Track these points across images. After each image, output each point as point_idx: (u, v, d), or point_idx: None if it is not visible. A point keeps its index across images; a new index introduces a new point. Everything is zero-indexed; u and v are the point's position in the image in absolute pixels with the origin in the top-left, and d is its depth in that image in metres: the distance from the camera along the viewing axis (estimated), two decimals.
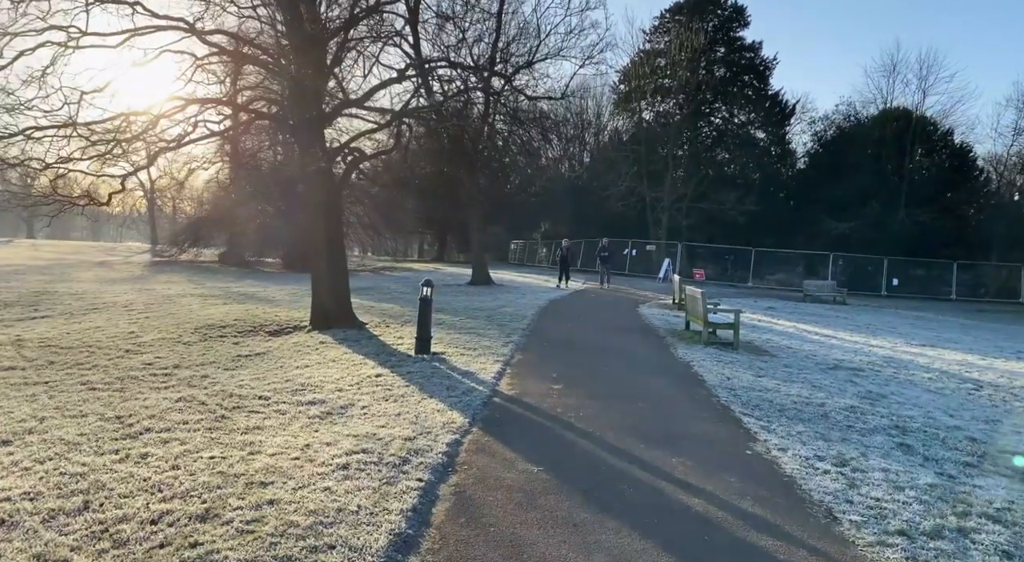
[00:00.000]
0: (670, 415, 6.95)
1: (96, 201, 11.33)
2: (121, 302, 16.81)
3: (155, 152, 10.82)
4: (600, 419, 6.51)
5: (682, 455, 5.48)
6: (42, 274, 26.68)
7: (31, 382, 7.24)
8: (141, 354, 9.23)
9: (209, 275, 29.55)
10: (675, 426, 6.48)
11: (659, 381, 8.84)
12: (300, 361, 8.92)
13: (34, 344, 9.90)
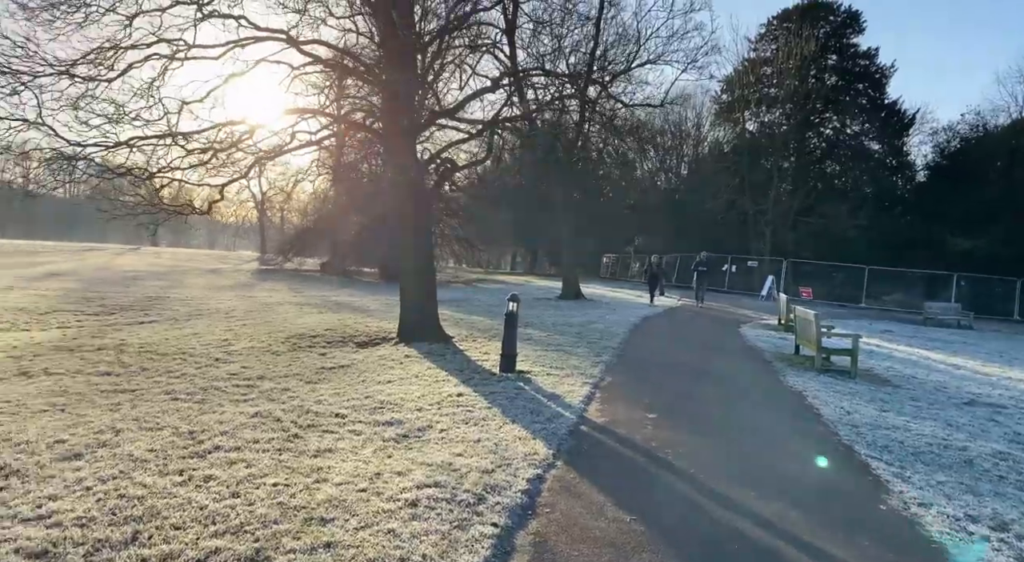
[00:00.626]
0: (784, 455, 6.13)
1: (198, 210, 11.62)
2: (224, 309, 17.37)
3: (251, 162, 10.96)
4: (702, 458, 5.79)
5: (802, 507, 4.69)
6: (159, 280, 28.33)
7: (120, 389, 7.29)
8: (229, 363, 9.25)
9: (310, 283, 30.47)
10: (791, 469, 5.66)
11: (768, 413, 7.96)
12: (383, 376, 8.65)
13: (134, 350, 10.17)
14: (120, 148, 9.52)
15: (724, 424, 7.25)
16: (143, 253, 60.17)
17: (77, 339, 11.54)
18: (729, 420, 7.47)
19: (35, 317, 14.86)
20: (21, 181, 11.88)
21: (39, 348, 10.38)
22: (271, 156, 11.28)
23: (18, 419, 5.85)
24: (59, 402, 6.55)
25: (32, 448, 4.95)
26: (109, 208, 11.15)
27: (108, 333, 12.38)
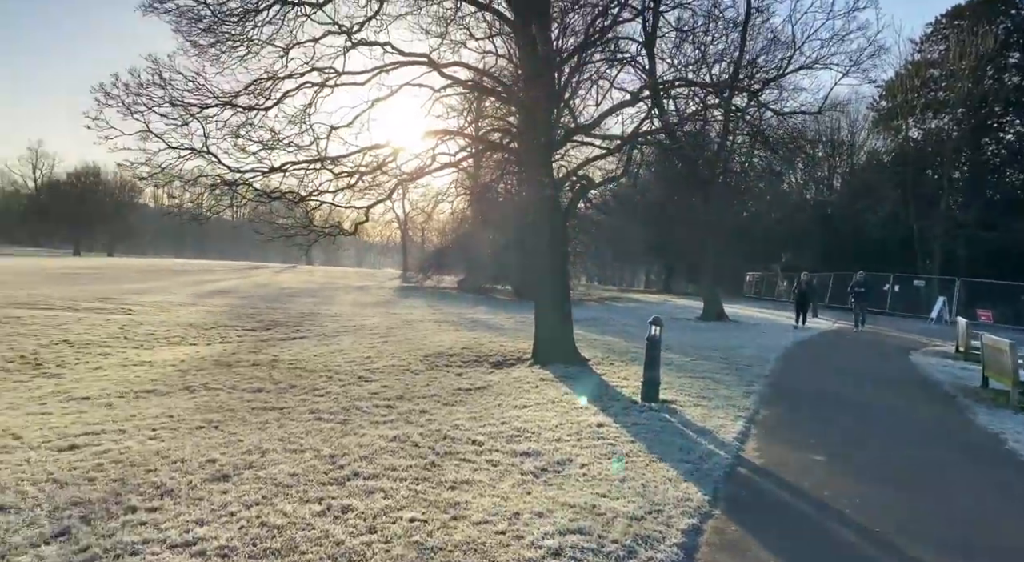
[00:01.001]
0: (988, 519, 5.13)
1: (345, 231, 12.05)
2: (368, 325, 18.00)
3: (394, 184, 11.21)
4: (888, 516, 4.94)
5: None
6: (311, 297, 30.14)
7: (269, 407, 7.52)
8: (371, 382, 9.37)
9: (447, 301, 31.23)
10: (1001, 539, 4.71)
11: (961, 461, 6.83)
12: (519, 400, 8.37)
13: (285, 366, 10.62)
14: (275, 173, 10.07)
15: (909, 472, 6.26)
16: (299, 271, 64.81)
17: (236, 354, 12.28)
18: (915, 467, 6.45)
19: (202, 332, 16.12)
20: (190, 206, 13.01)
21: (202, 362, 11.12)
22: (413, 178, 11.49)
23: (177, 435, 6.12)
24: (214, 419, 6.81)
25: (186, 467, 5.09)
26: (266, 230, 11.84)
27: (263, 349, 13.10)
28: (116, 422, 6.58)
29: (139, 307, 20.77)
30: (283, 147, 10.21)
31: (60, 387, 8.95)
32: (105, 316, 17.98)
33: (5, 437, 5.91)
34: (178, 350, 13.10)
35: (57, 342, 13.34)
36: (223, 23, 10.02)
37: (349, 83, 10.57)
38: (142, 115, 9.40)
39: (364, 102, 10.69)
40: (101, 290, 26.81)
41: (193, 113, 9.68)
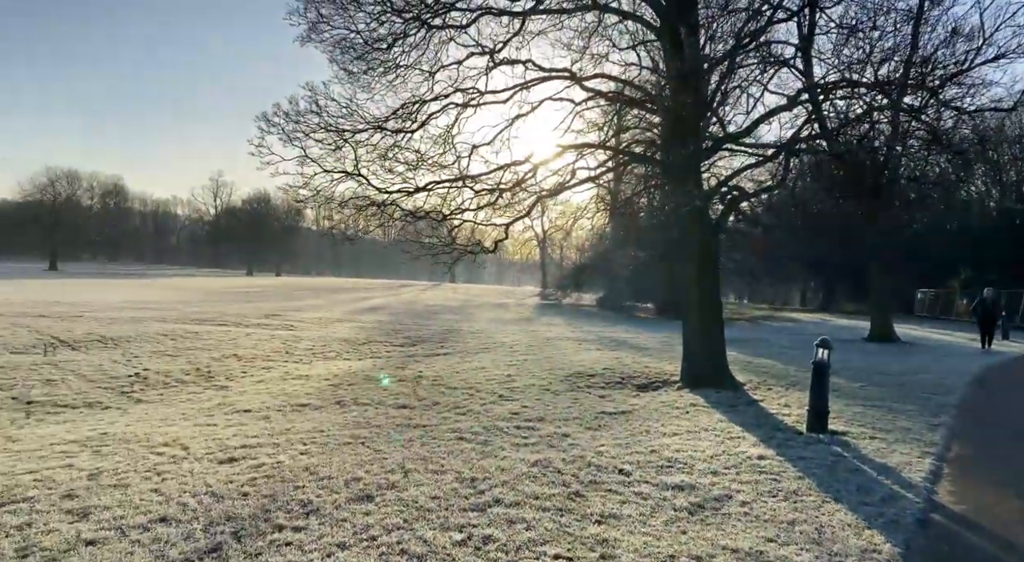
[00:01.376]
0: None
1: (485, 249, 12.08)
2: (508, 342, 18.04)
3: (533, 200, 11.10)
4: None
5: None
6: (454, 314, 30.94)
7: (413, 424, 7.53)
8: (511, 401, 9.20)
9: (587, 319, 30.85)
10: None
11: None
12: (668, 426, 7.82)
13: (428, 382, 10.75)
14: (419, 193, 10.30)
15: None
16: (443, 289, 67.13)
17: (383, 369, 12.65)
18: None
19: (355, 347, 16.88)
20: (342, 226, 13.73)
21: (354, 377, 11.53)
22: (552, 194, 11.33)
23: (326, 450, 6.22)
24: (361, 435, 6.90)
25: (332, 484, 5.11)
26: (412, 249, 12.14)
27: (409, 364, 13.42)
28: (272, 436, 6.83)
29: (300, 323, 22.24)
30: (427, 167, 10.43)
31: (226, 399, 9.57)
32: (271, 332, 19.37)
33: (175, 448, 6.30)
34: (332, 365, 13.74)
35: (228, 355, 14.46)
36: (373, 50, 10.44)
37: (491, 102, 10.64)
38: (300, 140, 9.99)
39: (504, 120, 10.73)
40: (268, 307, 29.08)
41: (346, 137, 10.14)
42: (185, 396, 10.27)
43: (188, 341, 16.40)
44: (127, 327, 18.12)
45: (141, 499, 4.68)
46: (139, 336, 16.59)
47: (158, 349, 14.91)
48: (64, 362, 12.68)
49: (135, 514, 4.37)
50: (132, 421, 8.07)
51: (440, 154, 10.47)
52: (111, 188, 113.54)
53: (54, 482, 5.08)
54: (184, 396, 10.27)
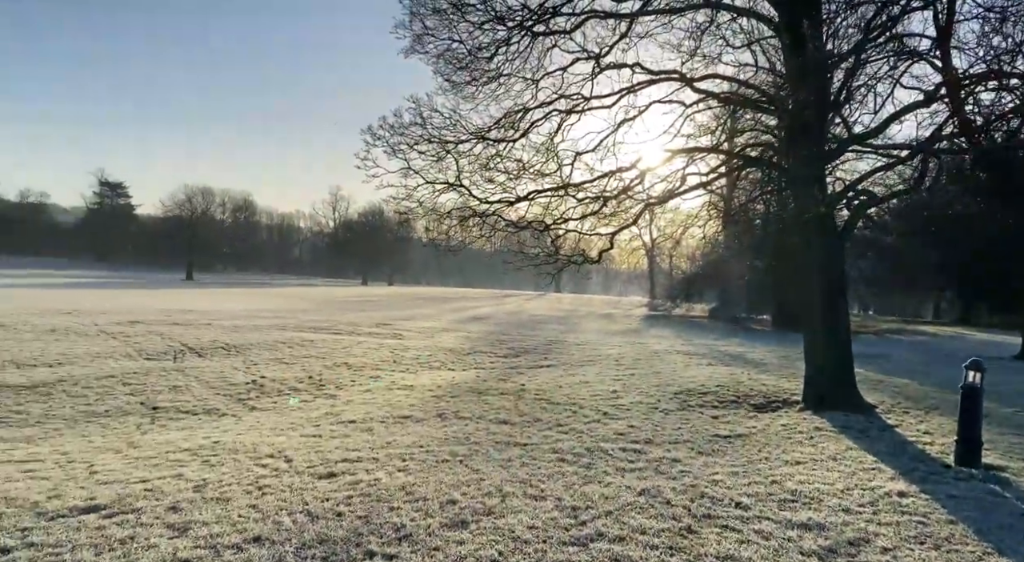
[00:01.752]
0: None
1: (589, 259, 11.72)
2: (614, 355, 17.51)
3: (640, 208, 10.61)
4: None
5: None
6: (558, 324, 30.65)
7: (513, 442, 7.26)
8: (617, 419, 8.75)
9: (697, 331, 29.67)
10: None
11: None
12: (790, 453, 7.13)
13: (531, 396, 10.47)
14: (521, 203, 10.11)
15: None
16: (547, 299, 67.10)
17: (487, 381, 12.52)
18: None
19: (459, 357, 16.92)
20: (444, 237, 13.80)
21: (456, 389, 11.45)
22: (660, 201, 10.80)
23: (424, 468, 6.07)
24: (459, 452, 6.70)
25: (427, 507, 4.92)
26: (513, 260, 11.97)
27: (511, 377, 13.22)
28: (373, 449, 6.78)
29: (408, 332, 22.68)
30: (529, 176, 10.22)
31: (334, 409, 9.72)
32: (380, 340, 19.84)
33: (279, 460, 6.36)
34: (437, 375, 13.78)
35: (339, 364, 14.85)
36: (476, 59, 10.38)
37: (597, 107, 10.30)
38: (403, 152, 10.06)
39: (609, 126, 10.34)
40: (379, 316, 29.97)
41: (448, 148, 10.13)
42: (296, 404, 10.56)
43: (304, 349, 17.02)
44: (249, 335, 19.09)
45: (239, 515, 4.67)
46: (259, 344, 17.40)
47: (276, 357, 15.55)
48: (190, 368, 13.43)
49: (231, 532, 4.35)
50: (244, 429, 8.31)
51: (543, 162, 10.24)
52: (241, 203, 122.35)
53: (162, 493, 5.20)
54: (296, 404, 10.56)
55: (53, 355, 14.21)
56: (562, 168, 10.22)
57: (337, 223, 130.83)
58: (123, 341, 16.91)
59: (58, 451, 7.01)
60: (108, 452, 6.97)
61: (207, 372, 13.10)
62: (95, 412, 9.60)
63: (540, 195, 10.21)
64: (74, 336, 17.45)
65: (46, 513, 4.72)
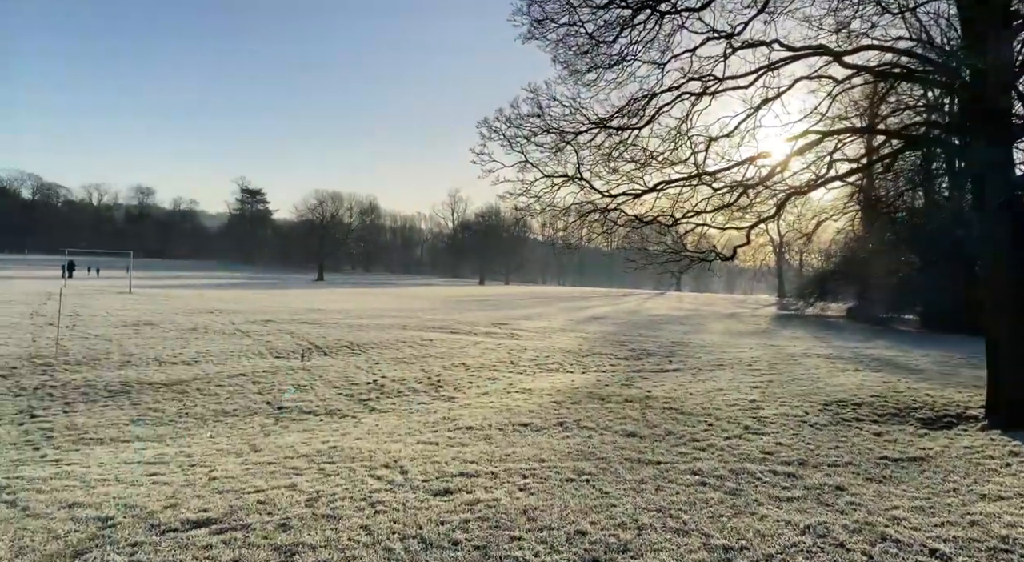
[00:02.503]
0: None
1: (721, 256, 10.72)
2: (746, 359, 16.26)
3: (783, 198, 9.50)
4: None
5: None
6: (681, 324, 29.27)
7: (644, 460, 6.52)
8: (760, 435, 7.77)
9: (835, 332, 27.36)
10: None
11: None
12: (985, 485, 5.91)
13: (659, 405, 9.66)
14: (648, 195, 9.30)
15: None
16: (668, 298, 65.02)
17: (608, 386, 11.81)
18: None
19: (577, 359, 16.29)
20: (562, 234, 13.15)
21: (577, 394, 10.83)
22: (805, 190, 9.61)
23: (547, 487, 5.49)
24: (585, 469, 6.07)
25: (552, 539, 4.32)
26: (636, 258, 11.17)
27: (635, 381, 12.43)
28: (491, 462, 6.29)
29: (524, 332, 22.31)
30: (656, 166, 9.39)
31: (452, 413, 9.38)
32: (497, 340, 19.57)
33: (395, 471, 6.01)
34: (555, 378, 13.23)
35: (457, 364, 14.65)
36: (598, 43, 9.69)
37: (732, 88, 9.28)
38: (520, 145, 9.54)
39: (746, 108, 9.27)
40: (496, 316, 29.89)
41: (567, 139, 9.50)
42: (415, 406, 10.33)
43: (423, 348, 17.03)
44: (372, 334, 19.42)
45: (349, 539, 4.29)
46: (381, 343, 17.60)
47: (396, 356, 15.60)
48: (316, 367, 13.66)
49: (339, 559, 3.96)
50: (363, 433, 8.11)
51: (671, 150, 9.35)
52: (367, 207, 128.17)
53: (275, 507, 4.94)
54: (415, 406, 10.34)
55: (192, 353, 14.93)
56: (695, 155, 9.30)
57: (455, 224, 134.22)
58: (256, 340, 17.61)
59: (184, 452, 7.06)
60: (230, 455, 6.93)
61: (331, 371, 13.25)
62: (224, 411, 9.81)
63: (670, 185, 9.35)
64: (212, 335, 18.40)
65: (159, 525, 4.57)
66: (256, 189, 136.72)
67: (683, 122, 9.45)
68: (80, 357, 13.75)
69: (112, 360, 13.64)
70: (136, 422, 8.93)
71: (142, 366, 13.11)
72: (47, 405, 9.71)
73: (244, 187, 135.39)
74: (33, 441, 7.73)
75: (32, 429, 8.30)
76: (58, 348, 14.35)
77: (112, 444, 7.73)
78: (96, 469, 6.27)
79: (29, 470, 6.26)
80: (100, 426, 8.61)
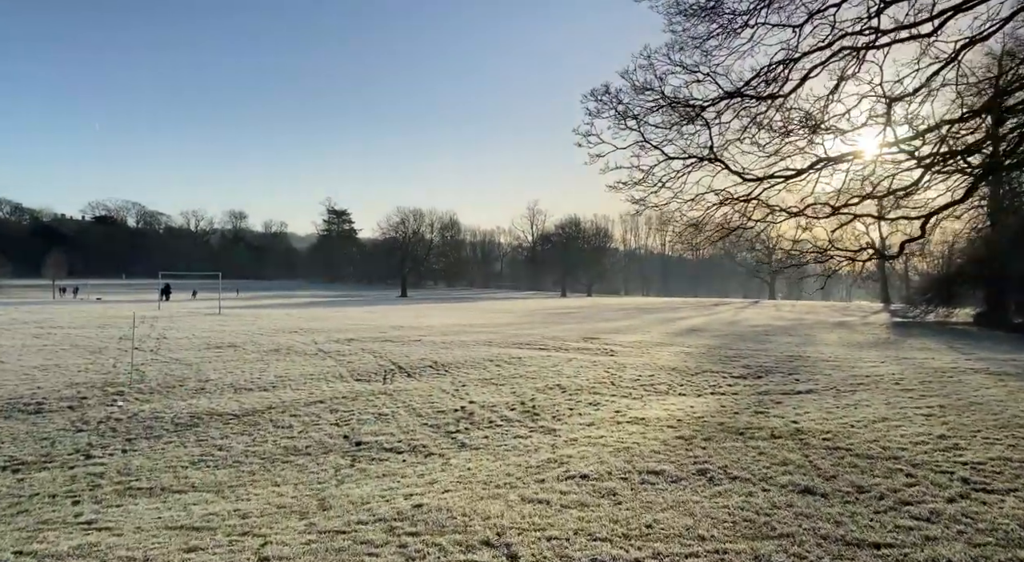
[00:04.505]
0: None
1: (879, 253, 8.69)
2: (885, 375, 13.91)
3: (975, 180, 7.41)
4: None
5: None
6: (787, 335, 26.60)
7: (850, 539, 4.54)
8: (996, 494, 5.60)
9: (972, 341, 24.07)
10: None
11: None
12: None
13: (818, 442, 7.67)
14: (803, 176, 7.41)
15: None
16: (763, 306, 61.21)
17: (738, 413, 9.92)
18: None
19: (687, 378, 14.36)
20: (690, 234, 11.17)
21: (703, 424, 9.01)
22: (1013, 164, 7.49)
23: None
24: (770, 556, 4.29)
25: None
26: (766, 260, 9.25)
27: (768, 407, 10.47)
28: (629, 539, 4.62)
29: (619, 347, 20.49)
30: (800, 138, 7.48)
31: (556, 452, 7.75)
32: (591, 357, 17.87)
33: (499, 554, 4.41)
34: (669, 402, 11.41)
35: (552, 386, 13.06)
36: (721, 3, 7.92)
37: (905, 39, 7.27)
38: (636, 122, 7.85)
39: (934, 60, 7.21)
40: (584, 329, 28.14)
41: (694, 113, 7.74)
42: (511, 441, 8.77)
43: (512, 367, 15.57)
44: (457, 352, 18.14)
45: None
46: (467, 362, 16.28)
47: (483, 377, 14.18)
48: (398, 391, 12.40)
49: None
50: (453, 481, 6.61)
51: (835, 117, 7.43)
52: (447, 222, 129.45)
53: None
54: (510, 441, 8.77)
55: (271, 377, 14.01)
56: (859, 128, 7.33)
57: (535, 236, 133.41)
58: (337, 360, 16.63)
59: (239, 512, 5.73)
60: (292, 515, 5.56)
61: (415, 396, 11.95)
62: (296, 448, 8.56)
63: (840, 161, 7.41)
64: (294, 356, 17.57)
65: None
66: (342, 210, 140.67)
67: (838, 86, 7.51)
68: (155, 384, 13.01)
69: (187, 387, 12.83)
70: (197, 464, 7.78)
71: (216, 394, 12.19)
72: (107, 442, 8.74)
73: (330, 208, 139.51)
74: (75, 492, 6.64)
75: (80, 475, 7.25)
76: (133, 374, 13.70)
77: (162, 495, 6.54)
78: (129, 538, 5.01)
79: (51, 538, 5.07)
80: (156, 470, 7.49)
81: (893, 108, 7.05)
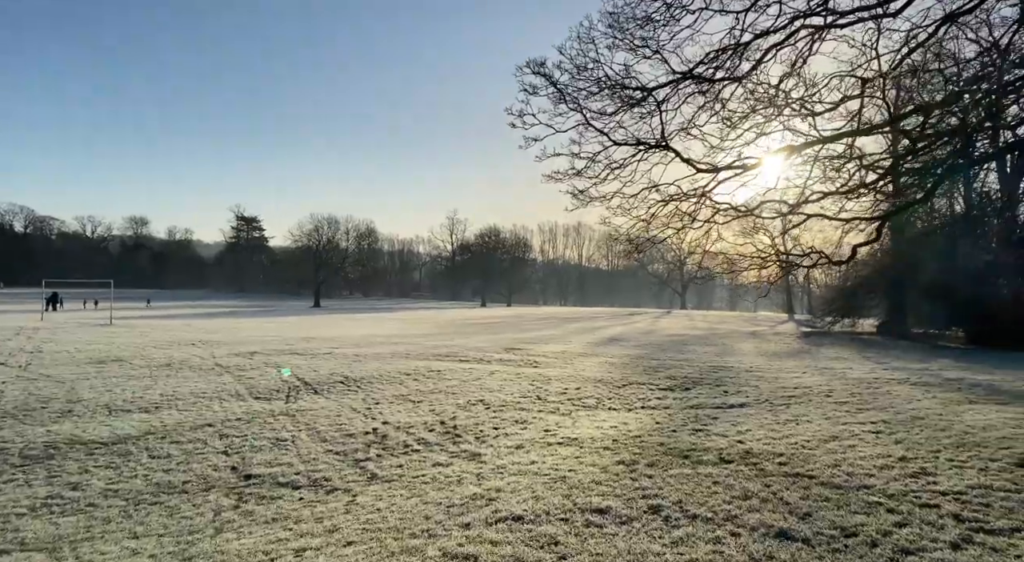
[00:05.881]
0: None
1: (829, 259, 8.13)
2: (813, 387, 13.69)
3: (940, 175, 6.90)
4: None
5: None
6: (705, 344, 26.63)
7: None
8: (995, 535, 4.88)
9: (880, 350, 24.70)
10: None
11: None
12: None
13: (774, 468, 6.87)
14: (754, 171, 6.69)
15: None
16: (676, 316, 62.38)
17: (675, 432, 9.15)
18: None
19: (614, 391, 13.64)
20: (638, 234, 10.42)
21: (643, 446, 8.15)
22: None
23: None
24: None
25: None
26: (712, 264, 8.57)
27: (706, 423, 9.79)
28: None
29: (542, 358, 19.70)
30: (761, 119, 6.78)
31: (482, 486, 6.66)
32: (514, 369, 16.95)
33: None
34: (600, 418, 10.56)
35: (474, 401, 12.02)
36: None
37: (865, 18, 6.67)
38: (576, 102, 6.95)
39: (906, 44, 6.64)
40: (506, 339, 27.25)
41: (640, 96, 6.91)
42: (430, 470, 7.61)
43: (431, 381, 14.40)
44: (371, 365, 16.82)
45: None
46: (382, 376, 15.00)
47: (399, 393, 12.95)
48: (302, 411, 11.01)
49: None
50: (358, 529, 5.38)
51: (798, 101, 6.74)
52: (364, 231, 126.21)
53: None
54: (429, 469, 7.60)
55: (155, 396, 12.28)
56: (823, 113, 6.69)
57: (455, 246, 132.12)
58: (236, 376, 14.97)
59: None
60: None
61: (320, 416, 10.59)
62: (171, 484, 7.09)
63: (799, 152, 6.72)
64: (187, 371, 15.76)
65: None
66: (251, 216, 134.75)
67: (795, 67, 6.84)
68: (11, 406, 11.08)
69: (51, 409, 10.97)
70: (37, 511, 6.24)
71: (85, 417, 10.42)
72: None
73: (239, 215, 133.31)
74: None
75: None
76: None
77: None
78: None
79: None
80: None
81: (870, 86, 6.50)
